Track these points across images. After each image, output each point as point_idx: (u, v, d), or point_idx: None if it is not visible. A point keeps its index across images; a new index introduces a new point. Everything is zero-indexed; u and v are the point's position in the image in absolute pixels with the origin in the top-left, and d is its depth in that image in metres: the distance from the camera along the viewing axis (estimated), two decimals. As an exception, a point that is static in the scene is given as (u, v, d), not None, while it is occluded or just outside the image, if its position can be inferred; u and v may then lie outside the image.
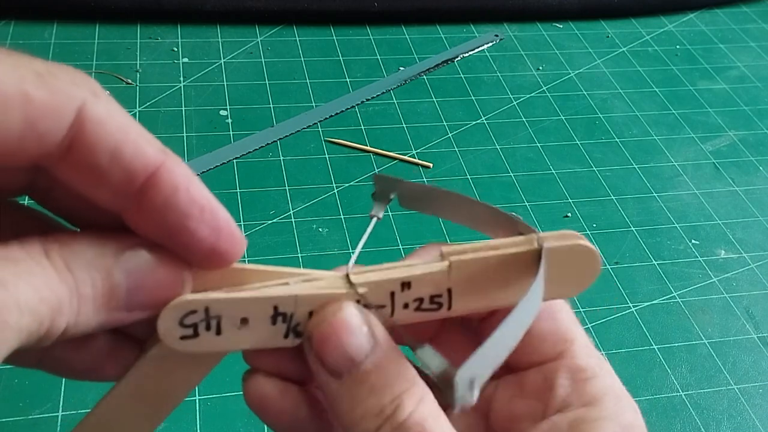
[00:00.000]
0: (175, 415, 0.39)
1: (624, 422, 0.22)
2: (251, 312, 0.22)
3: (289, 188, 0.54)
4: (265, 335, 0.22)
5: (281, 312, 0.22)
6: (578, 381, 0.23)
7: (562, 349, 0.23)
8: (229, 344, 0.23)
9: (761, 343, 0.48)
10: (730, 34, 0.78)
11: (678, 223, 0.56)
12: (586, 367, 0.23)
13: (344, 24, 0.70)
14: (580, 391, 0.23)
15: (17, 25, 0.64)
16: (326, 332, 0.22)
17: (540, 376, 0.24)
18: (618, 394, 0.23)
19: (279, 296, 0.22)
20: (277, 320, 0.22)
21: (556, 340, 0.24)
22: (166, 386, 0.24)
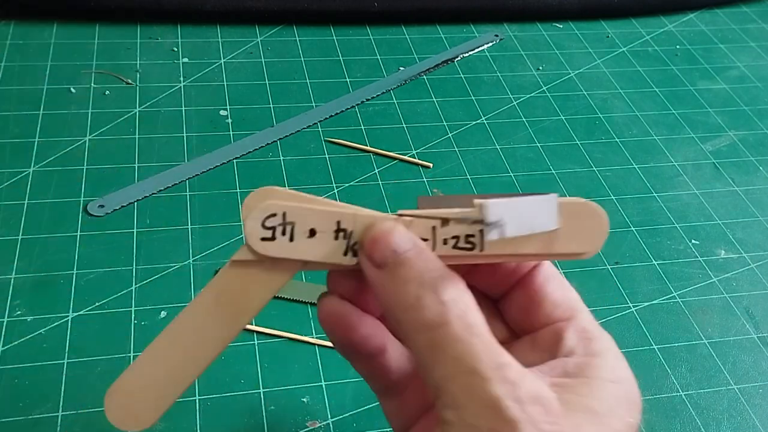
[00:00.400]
0: (176, 416, 0.39)
1: (620, 375, 0.25)
2: (318, 222, 0.26)
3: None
4: (328, 248, 0.26)
5: (343, 228, 0.26)
6: (584, 338, 0.26)
7: (571, 315, 0.27)
8: (298, 252, 0.26)
9: (761, 343, 0.48)
10: (730, 34, 0.78)
11: (678, 223, 0.56)
12: (591, 330, 0.27)
13: (344, 24, 0.70)
14: (585, 345, 0.26)
15: (17, 25, 0.64)
16: (376, 234, 0.25)
17: (551, 332, 0.27)
18: (617, 355, 0.26)
19: (342, 212, 0.26)
20: (339, 235, 0.26)
21: (567, 306, 0.27)
22: (243, 294, 0.26)
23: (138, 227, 0.49)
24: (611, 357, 0.26)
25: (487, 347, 0.23)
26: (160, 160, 0.54)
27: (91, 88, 0.60)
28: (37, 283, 0.45)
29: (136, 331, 0.43)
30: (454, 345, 0.23)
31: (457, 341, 0.23)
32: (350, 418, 0.40)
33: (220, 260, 0.48)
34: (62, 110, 0.57)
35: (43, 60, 0.61)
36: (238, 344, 0.43)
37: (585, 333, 0.26)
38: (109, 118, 0.57)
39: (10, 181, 0.51)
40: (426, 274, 0.24)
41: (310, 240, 0.26)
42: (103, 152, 0.54)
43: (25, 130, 0.55)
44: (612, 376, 0.25)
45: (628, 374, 0.26)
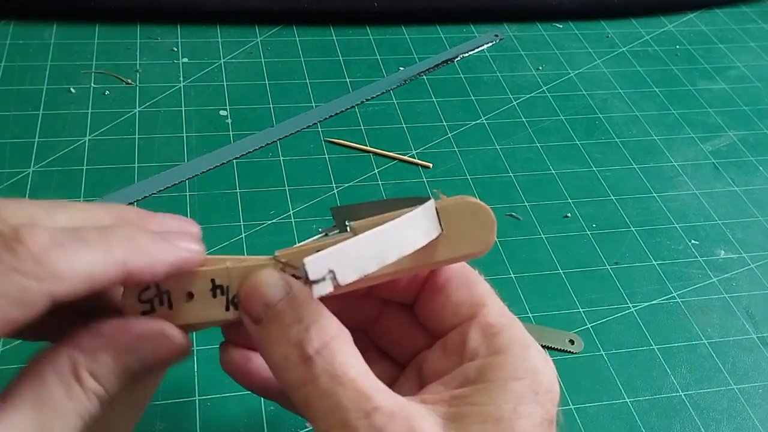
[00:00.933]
0: (175, 415, 0.39)
1: (528, 366, 0.24)
2: (194, 285, 0.26)
3: (289, 188, 0.54)
4: (209, 308, 0.26)
5: (219, 285, 0.26)
6: (488, 335, 0.26)
7: (475, 312, 0.27)
8: (180, 317, 0.25)
9: (761, 343, 0.48)
10: (729, 34, 0.78)
11: (678, 223, 0.56)
12: (495, 323, 0.26)
13: (344, 24, 0.70)
14: (488, 343, 0.25)
15: (17, 25, 0.64)
16: (248, 287, 0.25)
17: (458, 334, 0.27)
18: (525, 344, 0.25)
19: (214, 269, 0.26)
20: (217, 293, 0.26)
21: (471, 304, 0.27)
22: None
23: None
24: (516, 350, 0.25)
25: (355, 395, 0.22)
26: (159, 160, 0.54)
27: (91, 88, 0.60)
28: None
29: (135, 331, 0.43)
30: (323, 400, 0.23)
31: (325, 396, 0.23)
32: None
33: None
34: (62, 110, 0.57)
35: (42, 60, 0.61)
36: (237, 344, 0.43)
37: (489, 329, 0.26)
38: (108, 118, 0.57)
39: (10, 182, 0.51)
40: (293, 329, 0.24)
41: (190, 303, 0.26)
42: (102, 152, 0.54)
43: (24, 130, 0.55)
44: (515, 373, 0.24)
45: (535, 364, 0.25)
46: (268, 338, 0.24)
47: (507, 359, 0.24)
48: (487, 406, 0.23)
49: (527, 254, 0.51)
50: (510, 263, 0.51)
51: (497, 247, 0.52)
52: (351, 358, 0.23)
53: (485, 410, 0.23)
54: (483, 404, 0.23)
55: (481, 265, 0.50)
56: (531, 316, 0.47)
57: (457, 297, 0.27)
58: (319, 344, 0.23)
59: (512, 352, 0.25)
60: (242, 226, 0.50)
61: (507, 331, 0.26)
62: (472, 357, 0.25)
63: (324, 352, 0.23)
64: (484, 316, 0.26)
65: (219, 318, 0.26)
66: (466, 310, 0.27)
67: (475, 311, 0.27)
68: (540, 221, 0.54)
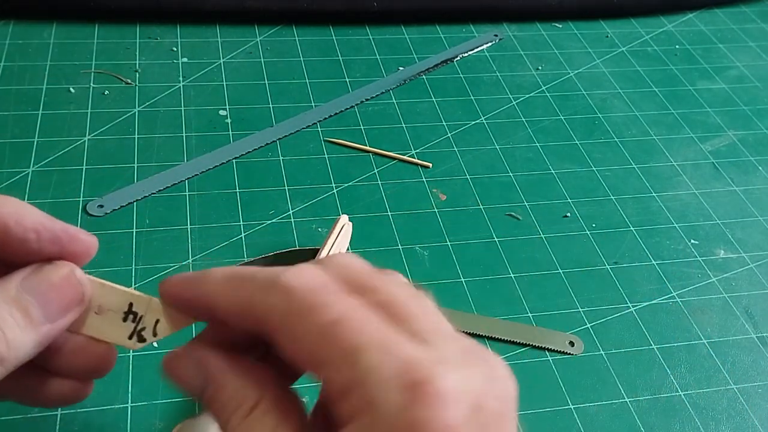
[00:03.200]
0: (175, 416, 0.39)
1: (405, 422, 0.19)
2: (109, 300, 0.26)
3: (289, 188, 0.54)
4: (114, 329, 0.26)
5: (134, 311, 0.26)
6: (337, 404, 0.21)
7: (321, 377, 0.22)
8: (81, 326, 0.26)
9: (760, 343, 0.48)
10: (729, 34, 0.78)
11: (677, 223, 0.56)
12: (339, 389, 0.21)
13: (343, 24, 0.70)
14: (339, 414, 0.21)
15: (16, 25, 0.64)
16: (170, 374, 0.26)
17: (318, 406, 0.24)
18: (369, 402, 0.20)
19: (137, 295, 0.26)
20: (128, 318, 0.26)
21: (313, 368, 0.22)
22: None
23: (137, 227, 0.49)
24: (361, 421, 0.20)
25: None
26: (159, 160, 0.54)
27: (91, 88, 0.60)
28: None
29: (135, 331, 0.43)
30: None
31: None
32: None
33: (219, 260, 0.48)
34: (61, 110, 0.57)
35: (42, 60, 0.61)
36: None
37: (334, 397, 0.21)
38: (108, 118, 0.57)
39: (10, 181, 0.51)
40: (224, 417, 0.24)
41: (97, 316, 0.26)
42: (102, 152, 0.54)
43: (24, 130, 0.55)
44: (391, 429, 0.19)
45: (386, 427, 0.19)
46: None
47: (375, 419, 0.20)
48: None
49: (527, 254, 0.51)
50: (509, 263, 0.51)
51: (497, 246, 0.52)
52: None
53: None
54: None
55: (482, 266, 0.50)
56: (530, 316, 0.47)
57: (301, 364, 0.22)
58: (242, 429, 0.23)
59: (355, 422, 0.20)
60: (242, 225, 0.50)
61: (349, 396, 0.20)
62: (341, 425, 0.21)
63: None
64: (328, 383, 0.21)
65: (119, 342, 0.26)
66: (316, 377, 0.22)
67: (322, 378, 0.21)
68: (539, 221, 0.54)
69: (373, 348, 0.20)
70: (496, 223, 0.53)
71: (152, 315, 0.26)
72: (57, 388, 0.28)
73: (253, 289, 0.23)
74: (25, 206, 0.25)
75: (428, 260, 0.50)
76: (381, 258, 0.50)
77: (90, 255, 0.26)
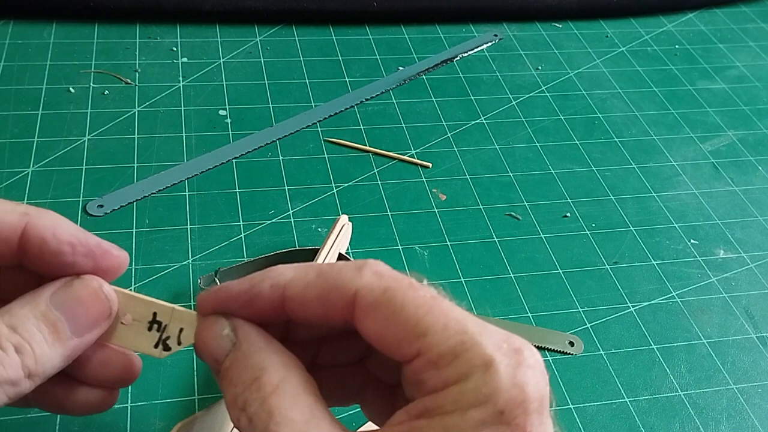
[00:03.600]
0: (175, 415, 0.39)
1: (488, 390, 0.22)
2: (135, 311, 0.26)
3: (288, 188, 0.54)
4: (139, 337, 0.26)
5: (158, 320, 0.26)
6: (442, 368, 0.23)
7: (418, 346, 0.23)
8: (108, 336, 0.26)
9: (760, 343, 0.48)
10: (729, 33, 0.78)
11: (677, 222, 0.56)
12: (445, 352, 0.23)
13: (343, 24, 0.70)
14: (444, 376, 0.23)
15: (16, 25, 0.64)
16: (197, 339, 0.26)
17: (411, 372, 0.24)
18: (485, 362, 0.22)
19: (160, 304, 0.26)
20: (153, 327, 0.26)
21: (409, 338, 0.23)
22: None
23: (137, 227, 0.49)
24: (474, 375, 0.22)
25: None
26: (159, 159, 0.54)
27: (90, 88, 0.60)
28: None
29: (135, 331, 0.43)
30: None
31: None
32: (348, 417, 0.40)
33: (219, 260, 0.48)
34: (61, 110, 0.57)
35: (42, 60, 0.61)
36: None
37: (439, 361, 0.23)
38: (108, 117, 0.57)
39: (9, 181, 0.51)
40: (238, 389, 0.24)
41: (123, 327, 0.26)
42: (102, 152, 0.54)
43: (24, 129, 0.55)
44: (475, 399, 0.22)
45: (497, 384, 0.22)
46: (225, 398, 0.24)
47: (465, 387, 0.22)
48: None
49: (526, 254, 0.51)
50: (509, 263, 0.51)
51: (497, 246, 0.52)
52: (291, 411, 0.23)
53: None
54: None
55: (481, 265, 0.50)
56: (530, 316, 0.47)
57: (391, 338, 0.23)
58: (258, 403, 0.23)
59: (471, 378, 0.22)
60: (241, 225, 0.50)
61: (461, 356, 0.22)
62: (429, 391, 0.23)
63: (262, 412, 0.23)
64: (430, 349, 0.23)
65: (145, 352, 0.26)
66: (408, 349, 0.23)
67: (419, 347, 0.23)
68: (539, 221, 0.54)
69: (470, 318, 0.23)
70: (495, 223, 0.53)
71: (176, 324, 0.26)
72: (84, 397, 0.28)
73: (339, 273, 0.24)
74: (61, 219, 0.26)
75: (428, 260, 0.50)
76: (381, 258, 0.49)
77: (121, 270, 0.27)
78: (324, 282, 0.25)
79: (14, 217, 0.25)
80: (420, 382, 0.23)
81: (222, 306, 0.26)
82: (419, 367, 0.23)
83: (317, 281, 0.25)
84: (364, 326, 0.24)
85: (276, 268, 0.25)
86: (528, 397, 0.22)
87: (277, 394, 0.23)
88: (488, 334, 0.23)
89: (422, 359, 0.23)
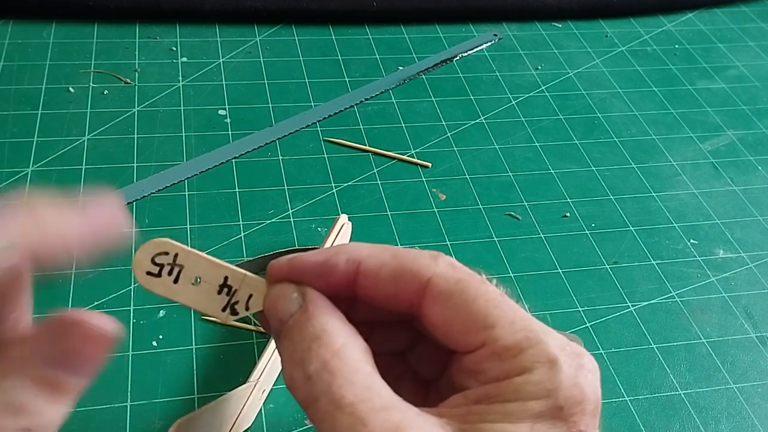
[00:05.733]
0: (175, 414, 0.39)
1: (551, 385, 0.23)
2: (206, 273, 0.26)
3: (288, 188, 0.54)
4: (209, 299, 0.26)
5: (229, 284, 0.26)
6: (506, 359, 0.23)
7: (485, 338, 0.24)
8: (178, 295, 0.26)
9: (760, 343, 0.48)
10: (728, 33, 0.78)
11: (677, 222, 0.56)
12: (511, 346, 0.24)
13: (343, 23, 0.70)
14: (508, 367, 0.23)
15: (15, 25, 0.64)
16: (269, 301, 0.26)
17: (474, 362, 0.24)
18: (550, 359, 0.23)
19: (233, 269, 0.26)
20: (223, 291, 0.26)
21: (477, 328, 0.24)
22: None
23: (137, 227, 0.49)
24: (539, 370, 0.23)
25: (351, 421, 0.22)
26: (158, 159, 0.54)
27: (90, 88, 0.60)
28: (35, 282, 0.45)
29: (134, 330, 0.43)
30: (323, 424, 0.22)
31: (324, 420, 0.22)
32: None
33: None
34: (61, 110, 0.57)
35: (41, 59, 0.61)
36: (236, 343, 0.43)
37: (505, 353, 0.23)
38: (107, 117, 0.57)
39: (9, 181, 0.51)
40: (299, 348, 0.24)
41: (193, 287, 0.26)
42: (101, 152, 0.54)
43: (23, 129, 0.55)
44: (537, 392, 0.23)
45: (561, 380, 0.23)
46: (283, 356, 0.24)
47: (529, 379, 0.23)
48: (502, 425, 0.22)
49: (526, 254, 0.51)
50: (509, 263, 0.51)
51: (496, 246, 0.52)
52: (353, 375, 0.23)
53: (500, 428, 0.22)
54: (499, 422, 0.22)
55: (481, 265, 0.50)
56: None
57: (459, 326, 0.24)
58: (319, 363, 0.23)
59: (535, 372, 0.23)
60: (241, 225, 0.50)
61: (526, 351, 0.23)
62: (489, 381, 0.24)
63: (323, 373, 0.23)
64: (496, 341, 0.24)
65: (211, 314, 0.26)
66: (474, 339, 0.24)
67: (485, 337, 0.24)
68: (539, 221, 0.54)
69: (534, 319, 0.24)
70: (495, 222, 0.53)
71: (246, 290, 0.26)
72: None
73: (415, 258, 0.25)
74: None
75: (428, 260, 0.50)
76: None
77: None
78: (399, 264, 0.25)
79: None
80: (480, 371, 0.24)
81: (295, 275, 0.26)
82: (482, 357, 0.24)
83: (392, 262, 0.25)
84: (432, 312, 0.25)
85: (351, 244, 0.26)
86: (587, 398, 0.24)
87: (339, 357, 0.23)
88: (552, 336, 0.24)
89: (486, 349, 0.24)
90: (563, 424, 0.23)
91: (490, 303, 0.24)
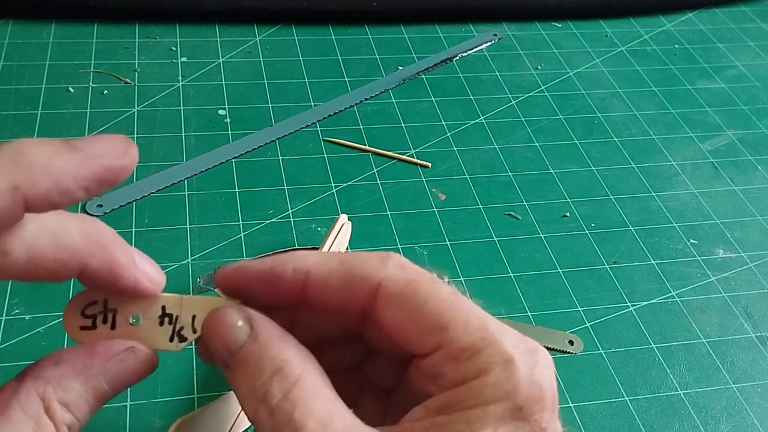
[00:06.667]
0: (175, 415, 0.39)
1: (509, 386, 0.23)
2: (143, 309, 0.25)
3: (288, 188, 0.54)
4: (153, 334, 0.25)
5: (168, 313, 0.25)
6: (461, 361, 0.23)
7: (439, 338, 0.23)
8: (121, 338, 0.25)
9: (759, 342, 0.48)
10: (728, 33, 0.78)
11: (676, 222, 0.56)
12: (466, 347, 0.23)
13: (343, 23, 0.70)
14: (464, 369, 0.23)
15: (15, 25, 0.64)
16: (209, 329, 0.24)
17: (431, 366, 0.24)
18: (505, 359, 0.23)
19: (167, 296, 0.25)
20: (165, 321, 0.25)
21: (430, 330, 0.24)
22: None
23: (136, 227, 0.49)
24: (495, 370, 0.23)
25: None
26: (158, 159, 0.54)
27: (90, 88, 0.60)
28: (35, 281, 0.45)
29: (134, 331, 0.43)
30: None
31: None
32: (349, 417, 0.40)
33: (218, 260, 0.48)
34: (61, 109, 0.57)
35: (41, 59, 0.61)
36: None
37: (460, 355, 0.23)
38: (107, 117, 0.57)
39: (9, 181, 0.51)
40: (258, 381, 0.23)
41: (134, 327, 0.25)
42: (101, 152, 0.54)
43: (23, 129, 0.55)
44: (495, 395, 0.23)
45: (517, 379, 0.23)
46: (238, 389, 0.24)
47: (487, 381, 0.23)
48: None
49: (526, 254, 0.51)
50: (509, 262, 0.51)
51: (496, 246, 0.52)
52: (313, 402, 0.22)
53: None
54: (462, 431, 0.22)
55: (481, 265, 0.50)
56: (530, 315, 0.48)
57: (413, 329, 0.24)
58: (281, 394, 0.22)
59: (491, 373, 0.23)
60: (241, 225, 0.50)
61: (482, 351, 0.23)
62: (449, 386, 0.23)
63: (285, 403, 0.22)
64: (451, 343, 0.23)
65: (161, 348, 0.25)
66: (429, 341, 0.24)
67: (440, 339, 0.23)
68: (539, 221, 0.54)
69: (489, 317, 0.24)
70: (495, 222, 0.53)
71: (187, 312, 0.25)
72: None
73: (363, 263, 0.25)
74: None
75: (427, 259, 0.50)
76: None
77: None
78: (348, 269, 0.25)
79: None
80: (438, 375, 0.23)
81: (241, 284, 0.25)
82: (438, 360, 0.23)
83: (341, 268, 0.25)
84: (384, 316, 0.24)
85: (297, 253, 0.25)
86: (545, 395, 0.23)
87: (299, 385, 0.23)
88: (506, 334, 0.24)
89: (442, 352, 0.23)
90: (525, 424, 0.23)
91: (442, 303, 0.24)
